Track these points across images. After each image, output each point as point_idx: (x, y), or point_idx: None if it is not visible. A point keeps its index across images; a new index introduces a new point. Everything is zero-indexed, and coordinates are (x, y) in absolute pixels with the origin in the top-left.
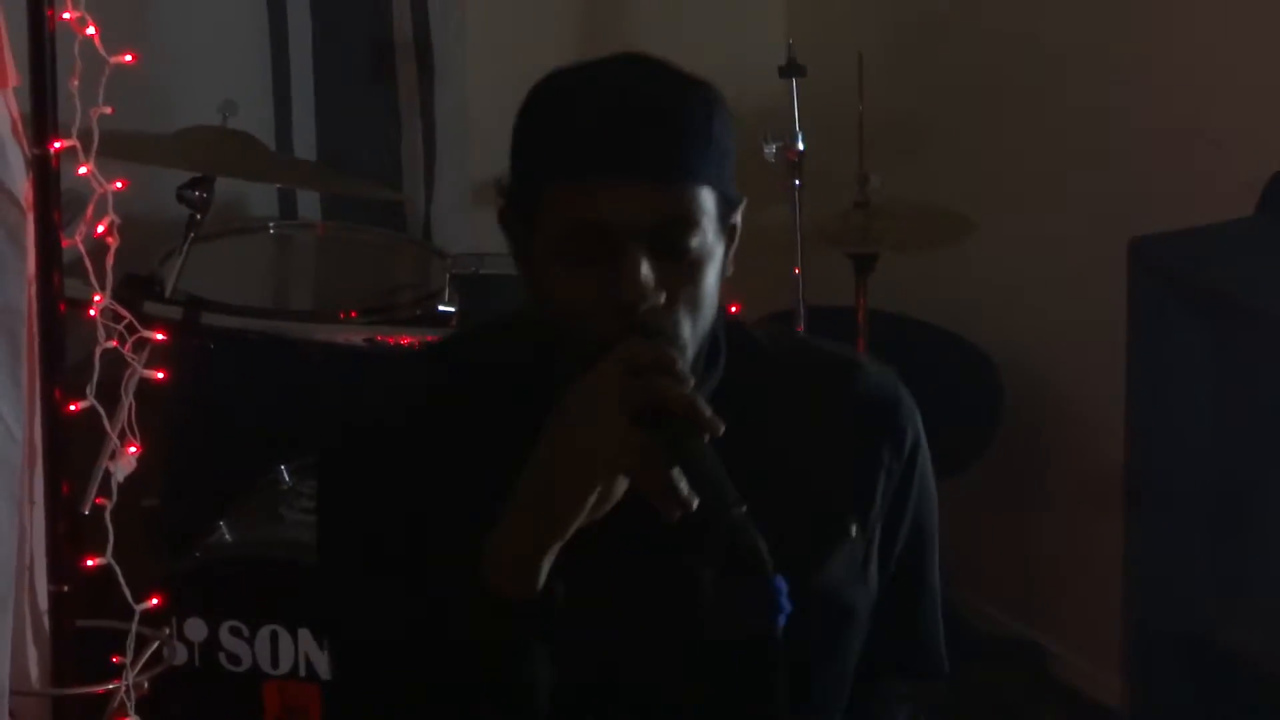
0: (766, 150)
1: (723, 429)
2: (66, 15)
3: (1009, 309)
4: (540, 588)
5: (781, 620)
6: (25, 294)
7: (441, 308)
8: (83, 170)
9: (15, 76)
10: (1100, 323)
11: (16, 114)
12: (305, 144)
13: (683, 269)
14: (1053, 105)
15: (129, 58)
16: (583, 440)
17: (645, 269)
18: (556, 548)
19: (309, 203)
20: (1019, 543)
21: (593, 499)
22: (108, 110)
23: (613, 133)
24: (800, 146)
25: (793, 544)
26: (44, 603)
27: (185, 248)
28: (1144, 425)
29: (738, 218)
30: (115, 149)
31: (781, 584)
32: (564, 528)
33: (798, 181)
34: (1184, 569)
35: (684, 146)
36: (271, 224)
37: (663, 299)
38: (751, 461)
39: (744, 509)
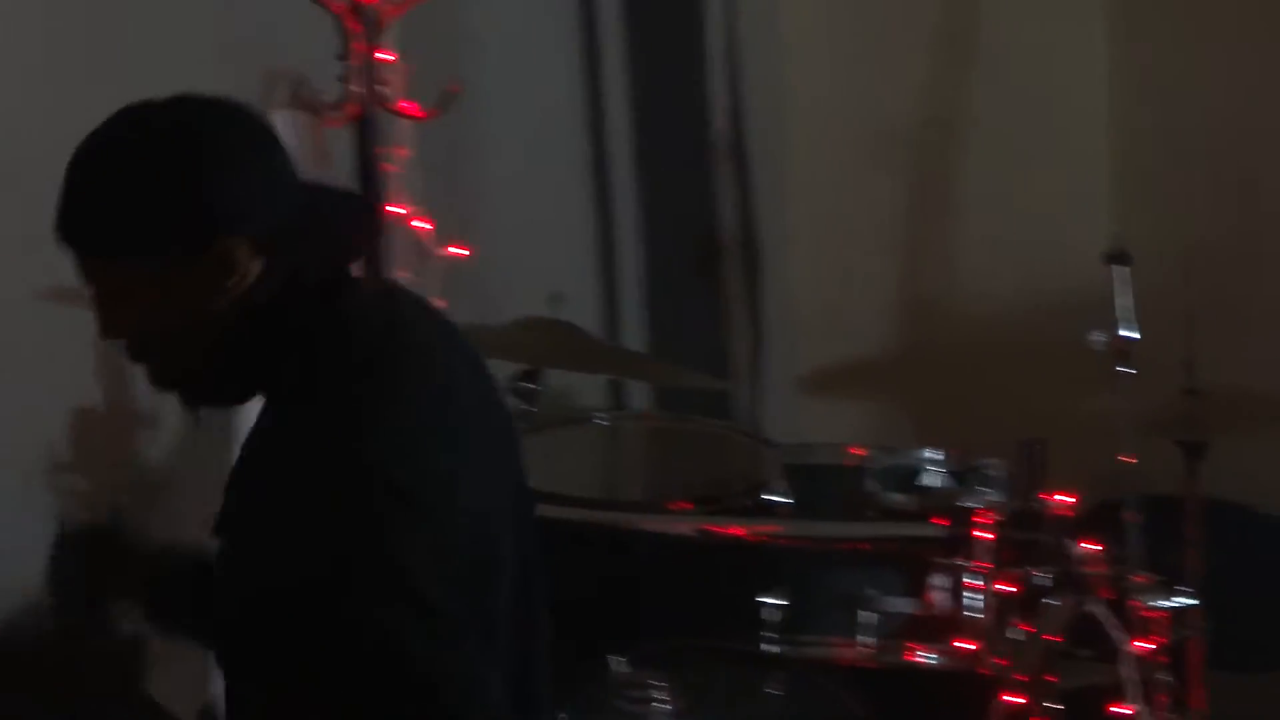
0: (1094, 338)
1: None
2: (400, 210)
3: None
4: None
5: None
6: None
7: (772, 497)
8: None
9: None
10: None
11: None
12: (633, 335)
13: (111, 319)
14: None
15: (463, 252)
16: None
17: (98, 319)
18: None
19: (637, 392)
20: None
21: None
22: (440, 303)
23: None
24: (1127, 334)
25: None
26: None
27: None
28: None
29: (208, 247)
30: None
31: None
32: None
33: (1125, 369)
34: None
35: (66, 220)
36: (600, 414)
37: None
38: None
39: None
